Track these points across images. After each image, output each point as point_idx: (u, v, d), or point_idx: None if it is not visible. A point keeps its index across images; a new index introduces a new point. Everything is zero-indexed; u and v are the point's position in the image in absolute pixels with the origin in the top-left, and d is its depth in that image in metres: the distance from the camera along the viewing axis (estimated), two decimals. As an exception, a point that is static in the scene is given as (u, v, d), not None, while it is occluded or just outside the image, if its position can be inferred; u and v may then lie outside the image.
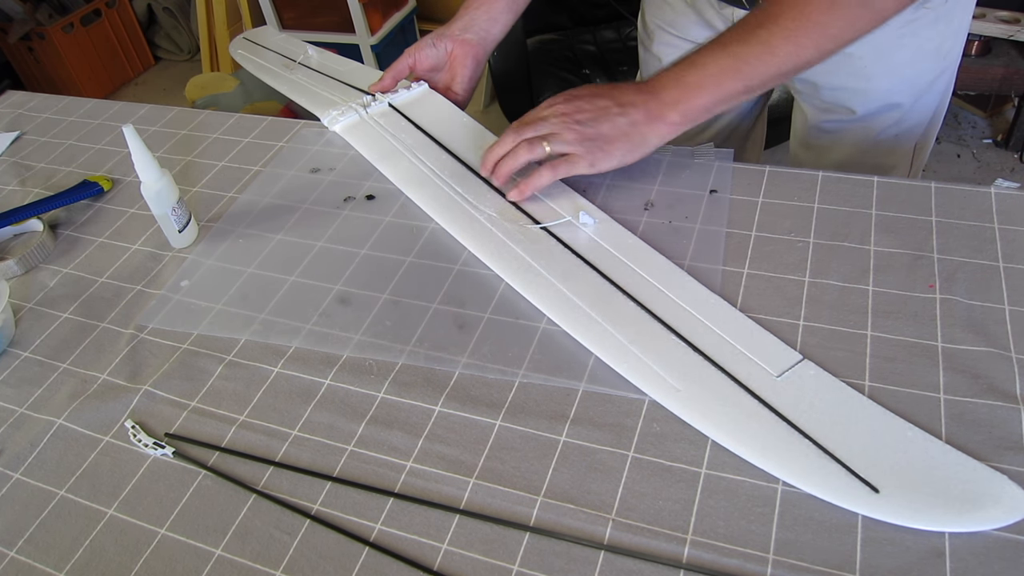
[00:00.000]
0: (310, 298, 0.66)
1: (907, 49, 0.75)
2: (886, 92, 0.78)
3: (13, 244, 0.79)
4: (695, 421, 0.52)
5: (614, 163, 0.67)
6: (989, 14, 1.84)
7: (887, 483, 0.47)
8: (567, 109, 0.68)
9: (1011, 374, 0.52)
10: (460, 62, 0.84)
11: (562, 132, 0.67)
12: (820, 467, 0.48)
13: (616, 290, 0.61)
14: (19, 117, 0.99)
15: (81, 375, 0.62)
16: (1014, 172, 1.96)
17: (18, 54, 2.71)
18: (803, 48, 0.60)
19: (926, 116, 0.81)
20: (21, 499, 0.54)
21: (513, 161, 0.69)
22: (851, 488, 0.47)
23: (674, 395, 0.53)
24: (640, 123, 0.66)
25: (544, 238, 0.67)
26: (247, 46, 1.12)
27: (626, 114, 0.66)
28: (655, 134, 0.66)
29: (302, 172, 0.81)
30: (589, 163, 0.67)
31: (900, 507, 0.46)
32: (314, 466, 0.53)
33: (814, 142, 0.87)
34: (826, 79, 0.81)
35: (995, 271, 0.60)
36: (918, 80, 0.77)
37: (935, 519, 0.45)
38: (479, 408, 0.55)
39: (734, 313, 0.58)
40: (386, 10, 2.53)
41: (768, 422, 0.51)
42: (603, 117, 0.66)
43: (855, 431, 0.50)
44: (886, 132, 0.81)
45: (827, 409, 0.51)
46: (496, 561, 0.47)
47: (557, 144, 0.67)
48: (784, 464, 0.49)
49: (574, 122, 0.67)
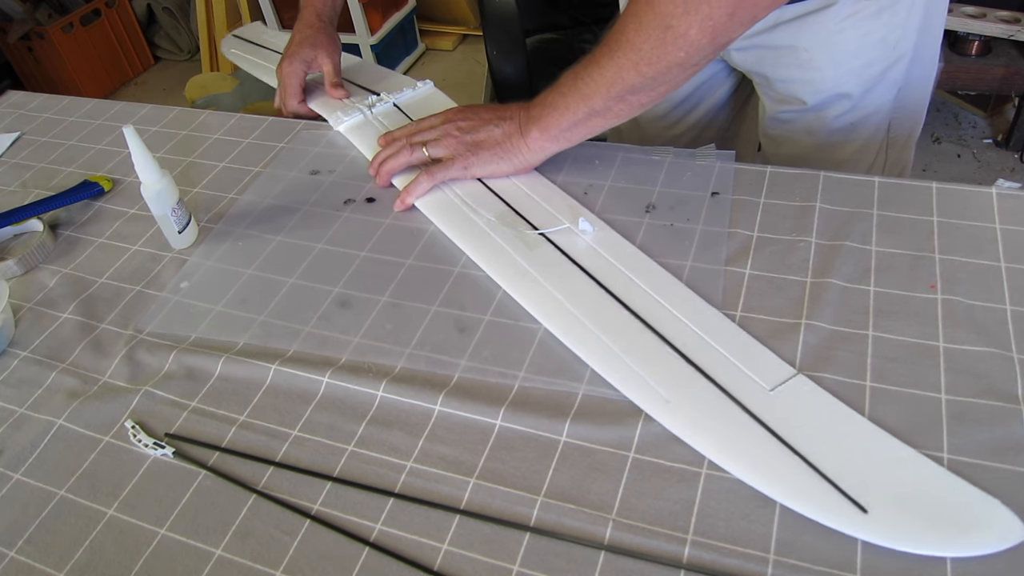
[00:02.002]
0: (310, 300, 0.66)
1: (850, 40, 0.76)
2: (833, 82, 0.79)
3: (13, 244, 0.79)
4: (684, 434, 0.51)
5: (488, 169, 0.73)
6: (989, 14, 1.84)
7: (876, 504, 0.46)
8: (453, 117, 0.74)
9: (1012, 374, 0.52)
10: (323, 49, 0.91)
11: (441, 138, 0.73)
12: (809, 485, 0.47)
13: (612, 299, 0.61)
14: (19, 117, 0.99)
15: (81, 375, 0.62)
16: (1015, 172, 1.96)
17: (18, 54, 2.71)
18: (624, 69, 0.61)
19: (883, 106, 0.82)
20: (21, 499, 0.54)
21: (394, 162, 0.75)
22: (840, 508, 0.46)
23: (664, 407, 0.52)
24: (513, 135, 0.71)
25: (542, 244, 0.66)
26: (239, 44, 1.11)
27: (502, 126, 0.72)
28: (526, 147, 0.71)
29: (302, 174, 0.81)
30: (463, 166, 0.72)
31: (889, 529, 0.45)
32: (314, 466, 0.53)
33: (773, 132, 0.89)
34: (775, 71, 0.82)
35: (996, 271, 0.60)
36: (865, 70, 0.79)
37: (924, 542, 0.44)
38: (479, 408, 0.55)
39: (729, 325, 0.58)
40: (386, 10, 2.53)
41: (758, 437, 0.50)
42: (482, 127, 0.72)
43: (847, 449, 0.49)
44: (839, 121, 0.83)
45: (819, 426, 0.50)
46: (496, 561, 0.46)
47: (435, 149, 0.74)
48: (772, 481, 0.48)
49: (455, 129, 0.73)
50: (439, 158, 0.74)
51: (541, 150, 0.71)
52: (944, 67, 1.89)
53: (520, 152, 0.71)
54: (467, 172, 0.73)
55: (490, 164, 0.72)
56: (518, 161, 0.72)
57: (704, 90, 0.96)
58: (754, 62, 0.83)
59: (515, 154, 0.71)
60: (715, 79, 0.95)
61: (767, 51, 0.81)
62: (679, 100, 0.97)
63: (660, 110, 0.98)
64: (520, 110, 0.71)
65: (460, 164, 0.72)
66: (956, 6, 1.86)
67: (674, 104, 0.97)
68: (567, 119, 0.67)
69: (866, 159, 0.86)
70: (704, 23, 0.56)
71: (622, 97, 0.64)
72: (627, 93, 0.63)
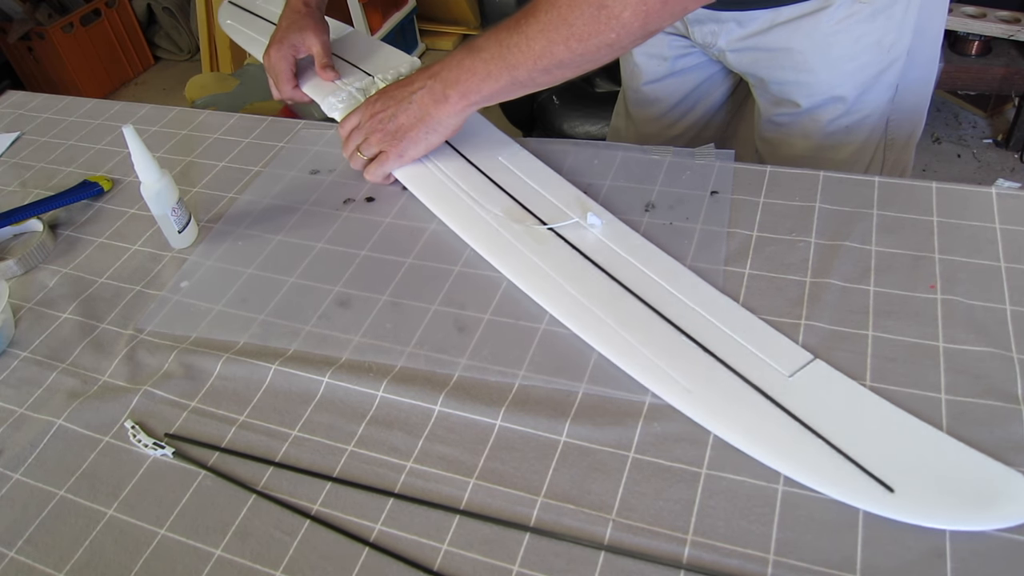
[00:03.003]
0: (309, 300, 0.66)
1: (844, 43, 0.76)
2: (827, 85, 0.80)
3: (13, 244, 0.79)
4: (707, 423, 0.52)
5: (420, 147, 0.73)
6: (989, 14, 1.84)
7: (902, 482, 0.46)
8: (371, 110, 0.74)
9: (1012, 374, 0.52)
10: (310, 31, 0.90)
11: (370, 135, 0.74)
12: (834, 467, 0.48)
13: (625, 291, 0.61)
14: (19, 117, 0.99)
15: (81, 375, 0.62)
16: (1015, 172, 1.96)
17: (18, 54, 2.71)
18: (555, 44, 0.61)
19: (877, 108, 0.82)
20: (21, 499, 0.54)
21: (357, 169, 0.77)
22: (866, 488, 0.47)
23: (686, 396, 0.53)
24: (429, 106, 0.71)
25: (551, 239, 0.66)
26: (235, 14, 1.10)
27: (416, 100, 0.71)
28: (446, 114, 0.70)
29: (302, 173, 0.81)
30: (398, 155, 0.73)
31: (916, 506, 0.46)
32: (314, 466, 0.53)
33: (768, 135, 0.89)
34: (770, 73, 0.83)
35: (996, 271, 0.60)
36: (859, 73, 0.79)
37: (952, 518, 0.45)
38: (479, 408, 0.55)
39: (744, 313, 0.58)
40: (386, 10, 2.53)
41: (781, 423, 0.51)
42: (399, 109, 0.72)
43: (868, 430, 0.50)
44: (834, 124, 0.83)
45: (840, 408, 0.51)
46: (496, 561, 0.46)
47: (368, 149, 0.74)
48: (799, 465, 0.49)
49: (378, 122, 0.73)
50: (375, 155, 0.75)
51: (462, 112, 0.71)
52: (944, 67, 1.89)
53: (443, 120, 0.71)
54: (403, 159, 0.74)
55: (420, 143, 0.72)
56: (443, 129, 0.72)
57: (701, 91, 0.96)
58: (749, 64, 0.84)
59: (439, 123, 0.71)
60: (712, 80, 0.95)
61: (762, 53, 0.81)
62: (677, 101, 0.97)
63: (658, 111, 0.98)
64: (429, 77, 0.70)
65: (394, 155, 0.73)
66: (956, 6, 1.86)
67: (672, 105, 0.97)
68: (488, 87, 0.67)
69: (863, 161, 0.86)
70: (638, 7, 0.57)
71: (548, 70, 0.64)
72: (554, 67, 0.63)
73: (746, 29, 0.80)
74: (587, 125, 1.75)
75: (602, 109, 1.74)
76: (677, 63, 0.93)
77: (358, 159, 0.76)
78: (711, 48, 0.85)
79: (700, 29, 0.83)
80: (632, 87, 0.99)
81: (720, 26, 0.81)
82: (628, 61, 0.97)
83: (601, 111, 1.73)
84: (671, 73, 0.94)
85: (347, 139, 0.76)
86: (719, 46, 0.83)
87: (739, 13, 0.78)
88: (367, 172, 0.76)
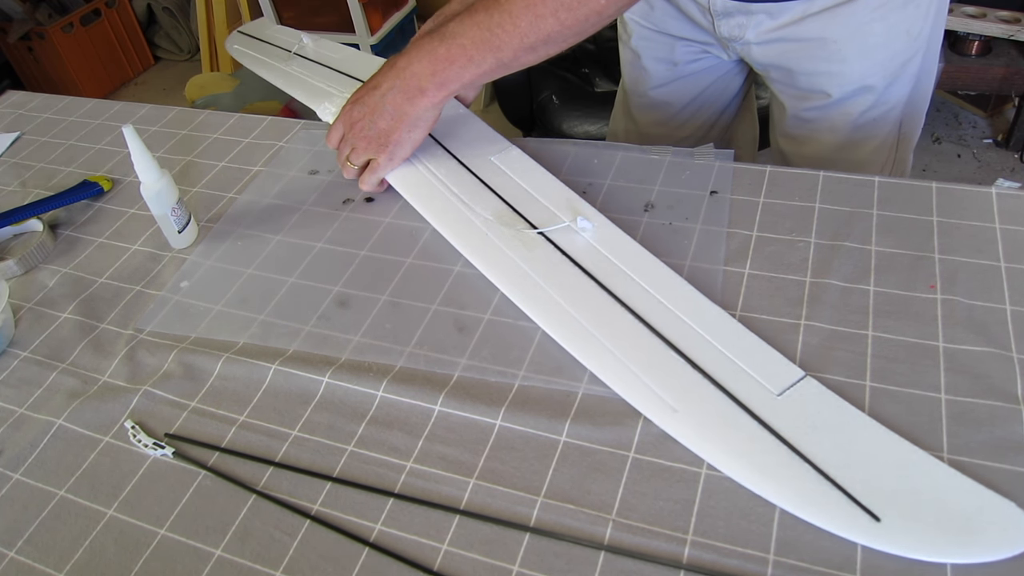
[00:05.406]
0: (309, 300, 0.66)
1: (879, 31, 0.77)
2: (860, 74, 0.80)
3: (13, 244, 0.79)
4: (692, 444, 0.51)
5: (407, 148, 0.72)
6: (989, 14, 1.84)
7: (889, 511, 0.45)
8: (350, 119, 0.72)
9: (1012, 374, 0.52)
10: None
11: (356, 144, 0.73)
12: (820, 494, 0.46)
13: (614, 302, 0.60)
14: (19, 117, 0.99)
15: (81, 375, 0.62)
16: (1015, 172, 1.96)
17: (18, 54, 2.71)
18: (542, 18, 0.60)
19: (900, 100, 0.83)
20: (21, 499, 0.54)
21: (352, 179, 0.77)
22: (852, 517, 0.45)
23: (671, 416, 0.52)
24: (403, 104, 0.69)
25: (541, 244, 0.65)
26: (243, 40, 1.11)
27: (388, 102, 0.69)
28: (423, 107, 0.69)
29: (302, 173, 0.81)
30: (387, 160, 0.72)
31: (902, 537, 0.44)
32: (314, 466, 0.53)
33: (794, 132, 0.88)
34: (800, 64, 0.82)
35: (996, 271, 0.60)
36: (890, 63, 0.79)
37: (939, 550, 0.43)
38: (479, 408, 0.55)
39: (735, 326, 0.57)
40: (386, 10, 2.53)
41: (767, 445, 0.49)
42: (376, 115, 0.70)
43: (857, 455, 0.48)
44: (864, 116, 0.83)
45: (829, 430, 0.50)
46: (496, 561, 0.46)
47: (357, 157, 0.73)
48: (784, 492, 0.47)
49: (360, 131, 0.72)
50: (365, 163, 0.74)
51: (441, 103, 0.69)
52: (944, 67, 1.89)
53: (421, 115, 0.69)
54: (393, 163, 0.73)
55: (406, 143, 0.71)
56: (424, 124, 0.70)
57: (708, 95, 0.96)
58: (777, 55, 0.83)
59: (418, 118, 0.70)
60: (719, 83, 0.95)
61: (793, 44, 0.80)
62: (683, 104, 0.96)
63: (664, 115, 0.98)
64: (396, 76, 0.68)
65: (384, 160, 0.72)
66: (956, 6, 1.86)
67: (678, 108, 0.97)
68: (470, 72, 0.65)
69: (880, 159, 0.86)
70: None
71: (534, 47, 0.62)
72: (540, 44, 0.62)
73: (777, 20, 0.79)
74: (587, 125, 1.75)
75: (602, 109, 1.74)
76: (686, 68, 0.92)
77: (350, 169, 0.75)
78: (736, 42, 0.84)
79: (727, 22, 0.82)
80: (638, 91, 0.98)
81: (749, 18, 0.80)
82: (635, 65, 0.96)
83: (601, 111, 1.73)
84: (679, 77, 0.94)
85: (338, 150, 0.76)
86: (746, 39, 0.82)
87: (771, 4, 0.78)
88: (361, 182, 0.75)
